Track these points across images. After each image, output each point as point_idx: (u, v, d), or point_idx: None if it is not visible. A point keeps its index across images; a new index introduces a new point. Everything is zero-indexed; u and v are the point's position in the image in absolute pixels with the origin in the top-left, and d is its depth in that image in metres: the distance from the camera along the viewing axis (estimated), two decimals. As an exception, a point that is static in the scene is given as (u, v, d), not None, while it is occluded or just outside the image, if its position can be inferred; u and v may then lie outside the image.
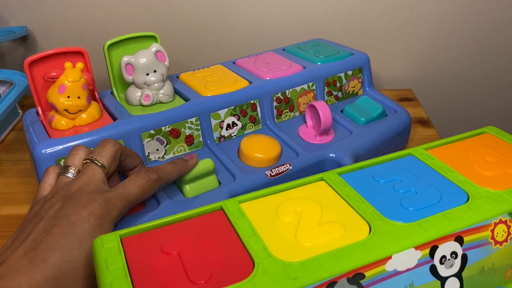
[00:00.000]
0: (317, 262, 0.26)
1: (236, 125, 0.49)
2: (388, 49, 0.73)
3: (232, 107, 0.48)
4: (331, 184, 0.33)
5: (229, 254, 0.27)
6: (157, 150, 0.45)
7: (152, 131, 0.44)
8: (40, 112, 0.45)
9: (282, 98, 0.51)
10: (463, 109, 0.78)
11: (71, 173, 0.36)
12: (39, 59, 0.43)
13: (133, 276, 0.26)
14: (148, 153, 0.45)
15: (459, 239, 0.29)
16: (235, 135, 0.49)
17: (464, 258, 0.29)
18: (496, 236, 0.30)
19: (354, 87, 0.57)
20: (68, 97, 0.42)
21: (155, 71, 0.46)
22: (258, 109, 0.50)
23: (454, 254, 0.29)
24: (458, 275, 0.29)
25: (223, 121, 0.48)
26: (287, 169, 0.44)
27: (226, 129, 0.48)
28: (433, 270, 0.28)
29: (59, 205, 0.33)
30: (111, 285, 0.25)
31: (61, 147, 0.41)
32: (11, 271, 0.29)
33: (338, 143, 0.48)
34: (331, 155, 0.46)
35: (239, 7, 0.69)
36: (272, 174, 0.43)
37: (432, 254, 0.28)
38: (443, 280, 0.29)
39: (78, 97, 0.42)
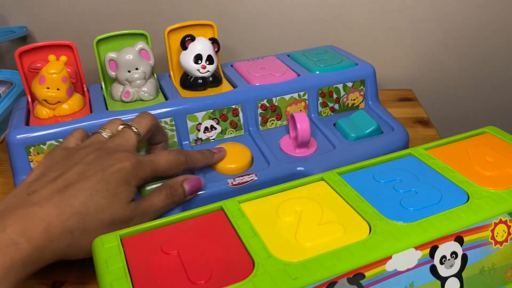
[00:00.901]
0: (317, 262, 0.26)
1: (215, 128, 0.48)
2: (388, 49, 0.73)
3: (211, 110, 0.47)
4: (331, 184, 0.33)
5: (229, 254, 0.27)
6: None
7: None
8: (29, 100, 0.47)
9: (268, 105, 0.49)
10: (463, 109, 0.78)
11: (106, 134, 0.39)
12: (29, 50, 0.45)
13: (133, 276, 0.26)
14: None
15: (459, 239, 0.29)
16: (213, 139, 0.48)
17: (464, 258, 0.29)
18: (496, 236, 0.30)
19: (354, 100, 0.53)
20: (48, 88, 0.44)
21: (137, 69, 0.47)
22: (240, 114, 0.48)
23: (454, 254, 0.29)
24: (458, 275, 0.29)
25: (201, 123, 0.47)
26: (252, 179, 0.42)
27: (204, 132, 0.47)
28: (433, 270, 0.28)
29: (95, 155, 0.36)
30: (111, 285, 0.25)
31: (33, 134, 0.42)
32: (43, 200, 0.32)
33: (316, 157, 0.45)
34: (299, 168, 0.44)
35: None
36: (234, 183, 0.42)
37: (432, 254, 0.28)
38: (443, 280, 0.29)
39: (58, 89, 0.44)
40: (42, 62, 0.46)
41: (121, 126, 0.39)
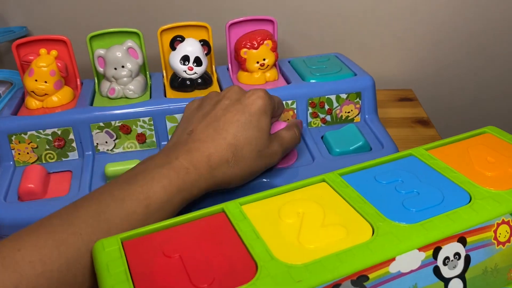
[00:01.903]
0: (321, 264, 0.26)
1: None
2: (388, 49, 0.73)
3: None
4: (332, 185, 0.33)
5: (232, 257, 0.27)
6: (106, 142, 0.47)
7: (101, 124, 0.46)
8: (24, 91, 0.50)
9: None
10: (464, 109, 0.78)
11: None
12: (26, 42, 0.47)
13: (134, 280, 0.26)
14: (97, 143, 0.46)
15: (462, 240, 0.29)
16: None
17: (467, 259, 0.29)
18: (499, 236, 0.30)
19: (348, 112, 0.50)
20: (36, 80, 0.46)
21: (123, 67, 0.47)
22: None
23: (457, 255, 0.29)
24: (462, 276, 0.29)
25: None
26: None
27: None
28: (437, 271, 0.28)
29: (233, 91, 0.41)
30: (113, 289, 0.25)
31: (15, 124, 0.44)
32: (202, 136, 0.37)
33: (291, 170, 0.44)
34: (264, 180, 0.42)
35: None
36: None
37: (435, 255, 0.28)
38: (446, 281, 0.29)
39: (45, 82, 0.46)
40: (35, 55, 0.47)
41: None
